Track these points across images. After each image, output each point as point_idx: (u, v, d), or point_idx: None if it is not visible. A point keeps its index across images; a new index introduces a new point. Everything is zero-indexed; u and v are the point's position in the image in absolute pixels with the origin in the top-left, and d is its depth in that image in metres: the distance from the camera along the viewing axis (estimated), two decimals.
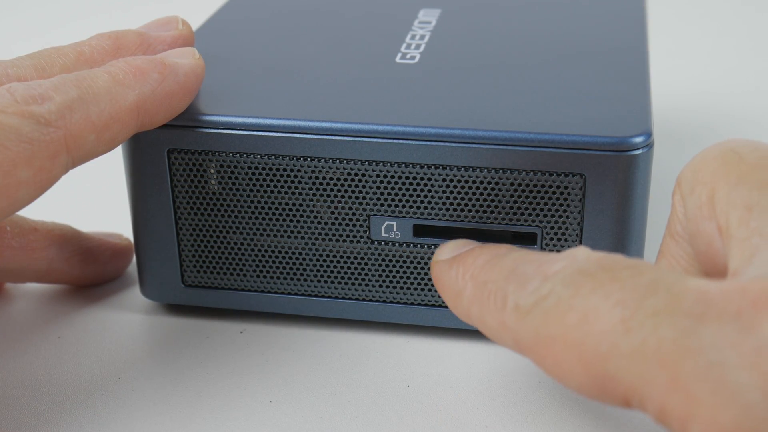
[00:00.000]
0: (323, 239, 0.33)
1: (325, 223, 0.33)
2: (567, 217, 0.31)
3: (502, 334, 0.25)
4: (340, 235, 0.33)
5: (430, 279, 0.33)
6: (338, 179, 0.32)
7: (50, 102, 0.27)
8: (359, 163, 0.31)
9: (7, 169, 0.26)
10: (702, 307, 0.20)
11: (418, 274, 0.33)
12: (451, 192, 0.31)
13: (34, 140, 0.26)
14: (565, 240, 0.31)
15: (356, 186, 0.32)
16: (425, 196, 0.31)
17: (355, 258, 0.33)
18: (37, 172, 0.27)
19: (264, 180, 0.32)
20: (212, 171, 0.32)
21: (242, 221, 0.33)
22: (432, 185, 0.31)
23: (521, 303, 0.24)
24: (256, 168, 0.32)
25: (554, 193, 0.31)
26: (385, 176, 0.31)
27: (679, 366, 0.20)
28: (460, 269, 0.27)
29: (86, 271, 0.36)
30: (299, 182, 0.32)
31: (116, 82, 0.29)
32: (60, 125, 0.27)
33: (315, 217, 0.32)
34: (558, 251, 0.31)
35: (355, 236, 0.32)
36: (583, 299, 0.22)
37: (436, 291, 0.33)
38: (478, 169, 0.31)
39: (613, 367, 0.21)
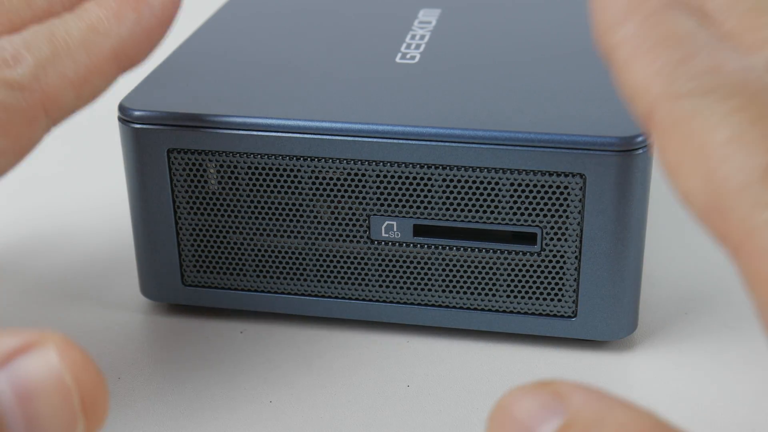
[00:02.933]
0: (323, 239, 0.33)
1: (325, 223, 0.33)
2: (567, 217, 0.31)
3: (641, 95, 0.22)
4: (340, 235, 0.33)
5: (430, 279, 0.33)
6: (338, 179, 0.32)
7: (23, 64, 0.25)
8: (359, 163, 0.31)
9: None
10: None
11: (418, 274, 0.33)
12: (451, 192, 0.31)
13: (10, 107, 0.25)
14: (565, 240, 0.31)
15: (356, 186, 0.32)
16: (425, 196, 0.31)
17: (355, 258, 0.33)
18: (16, 139, 0.25)
19: (264, 180, 0.32)
20: (212, 171, 0.32)
21: (242, 221, 0.33)
22: (432, 185, 0.31)
23: (678, 81, 0.21)
24: (256, 168, 0.32)
25: (554, 193, 0.31)
26: (385, 176, 0.31)
27: None
28: (629, 4, 0.24)
29: None
30: (299, 182, 0.32)
31: (91, 31, 0.27)
32: (35, 88, 0.25)
33: (315, 217, 0.32)
34: (558, 251, 0.31)
35: (354, 236, 0.32)
36: (741, 122, 0.20)
37: (436, 291, 0.33)
38: (478, 169, 0.31)
39: (731, 203, 0.19)
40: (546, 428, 0.20)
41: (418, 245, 0.32)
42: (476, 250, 0.32)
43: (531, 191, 0.31)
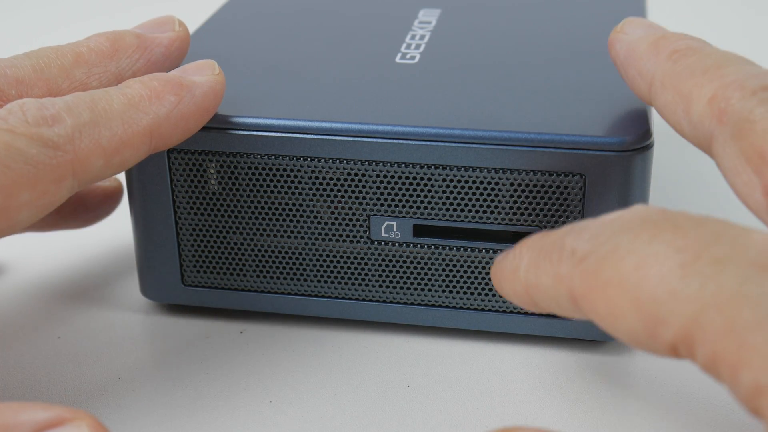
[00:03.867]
0: (323, 239, 0.33)
1: (325, 223, 0.33)
2: (567, 217, 0.31)
3: (558, 289, 0.24)
4: (340, 235, 0.33)
5: (430, 279, 0.33)
6: (338, 179, 0.32)
7: (61, 125, 0.26)
8: (359, 163, 0.31)
9: (10, 191, 0.25)
10: (766, 258, 0.20)
11: (418, 274, 0.33)
12: (451, 192, 0.31)
13: (40, 163, 0.26)
14: None
15: (356, 186, 0.32)
16: (425, 196, 0.31)
17: (355, 258, 0.33)
18: (41, 195, 0.26)
19: (264, 180, 0.32)
20: (212, 171, 0.32)
21: (242, 221, 0.33)
22: (432, 185, 0.31)
23: (578, 249, 0.23)
24: (256, 168, 0.32)
25: (554, 193, 0.31)
26: (385, 176, 0.31)
27: (737, 312, 0.20)
28: (516, 248, 0.26)
29: (77, 218, 0.36)
30: (299, 182, 0.32)
31: (131, 105, 0.28)
32: (68, 149, 0.26)
33: (315, 217, 0.32)
34: None
35: (355, 236, 0.32)
36: (642, 244, 0.22)
37: (436, 291, 0.33)
38: (478, 169, 0.31)
39: (667, 310, 0.21)
40: None
41: (418, 245, 0.32)
42: (476, 250, 0.32)
43: (531, 191, 0.31)
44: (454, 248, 0.32)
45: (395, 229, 0.32)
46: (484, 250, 0.32)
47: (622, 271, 0.22)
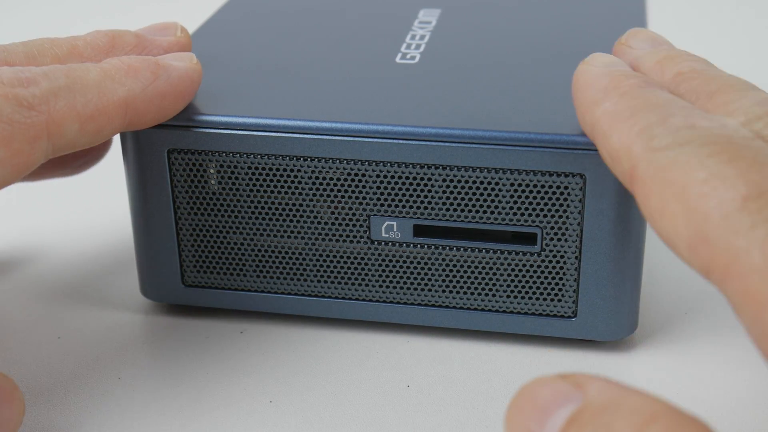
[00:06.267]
0: (323, 239, 0.33)
1: (325, 223, 0.33)
2: (567, 217, 0.31)
3: (621, 158, 0.25)
4: (340, 235, 0.33)
5: (430, 279, 0.33)
6: (338, 179, 0.32)
7: (36, 86, 0.27)
8: (359, 163, 0.31)
9: None
10: None
11: (418, 274, 0.33)
12: (451, 192, 0.31)
13: (14, 121, 0.27)
14: (565, 240, 0.31)
15: (356, 186, 0.32)
16: (425, 196, 0.31)
17: (355, 258, 0.33)
18: (15, 153, 0.27)
19: (264, 180, 0.32)
20: (212, 171, 0.32)
21: (242, 221, 0.33)
22: (432, 185, 0.31)
23: (657, 137, 0.24)
24: (256, 168, 0.32)
25: (554, 193, 0.31)
26: (385, 176, 0.31)
27: None
28: (610, 82, 0.27)
29: (66, 166, 0.37)
30: (299, 182, 0.32)
31: (107, 77, 0.29)
32: (43, 110, 0.27)
33: (315, 217, 0.32)
34: (558, 251, 0.31)
35: (355, 236, 0.32)
36: (717, 163, 0.22)
37: (436, 291, 0.33)
38: (478, 169, 0.31)
39: (714, 233, 0.21)
40: (563, 412, 0.21)
41: (418, 245, 0.32)
42: (476, 250, 0.32)
43: (531, 191, 0.31)
44: (454, 248, 0.32)
45: (395, 229, 0.32)
46: (484, 250, 0.32)
47: (689, 179, 0.22)
